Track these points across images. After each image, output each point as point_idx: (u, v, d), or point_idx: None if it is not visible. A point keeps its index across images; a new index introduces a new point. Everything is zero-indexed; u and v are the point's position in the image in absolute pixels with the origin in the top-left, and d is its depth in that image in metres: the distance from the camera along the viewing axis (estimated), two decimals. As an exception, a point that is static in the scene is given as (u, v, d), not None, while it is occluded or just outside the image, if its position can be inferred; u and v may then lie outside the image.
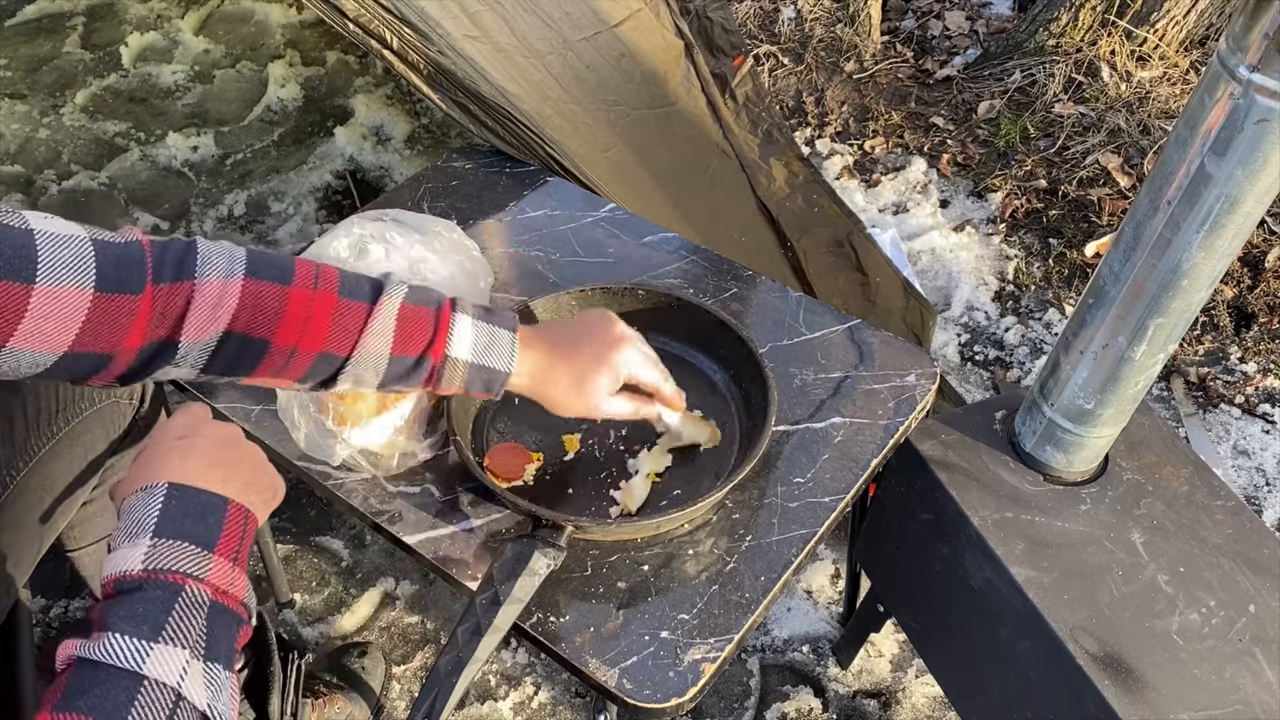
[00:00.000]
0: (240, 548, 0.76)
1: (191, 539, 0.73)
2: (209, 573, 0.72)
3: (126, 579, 0.70)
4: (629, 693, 0.92)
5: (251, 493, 0.81)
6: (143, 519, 0.73)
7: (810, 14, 2.88)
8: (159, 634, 0.67)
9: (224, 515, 0.76)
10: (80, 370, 0.80)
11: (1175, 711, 0.97)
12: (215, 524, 0.75)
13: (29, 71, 2.84)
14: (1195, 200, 0.88)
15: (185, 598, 0.70)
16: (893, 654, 1.62)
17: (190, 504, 0.75)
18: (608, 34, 1.68)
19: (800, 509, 1.06)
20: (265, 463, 0.85)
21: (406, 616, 1.67)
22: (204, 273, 0.83)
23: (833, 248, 1.89)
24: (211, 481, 0.77)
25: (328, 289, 0.88)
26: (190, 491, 0.76)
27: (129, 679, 0.65)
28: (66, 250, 0.75)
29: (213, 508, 0.76)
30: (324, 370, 0.90)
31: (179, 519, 0.74)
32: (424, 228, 1.21)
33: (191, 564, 0.72)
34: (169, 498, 0.75)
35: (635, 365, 1.00)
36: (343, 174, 2.52)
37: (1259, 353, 2.08)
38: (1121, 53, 2.61)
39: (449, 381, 0.94)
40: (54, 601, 1.65)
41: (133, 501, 0.76)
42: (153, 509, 0.74)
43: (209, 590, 0.71)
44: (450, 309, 0.93)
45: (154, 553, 0.71)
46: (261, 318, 0.85)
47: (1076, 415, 1.10)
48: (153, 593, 0.69)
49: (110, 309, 0.78)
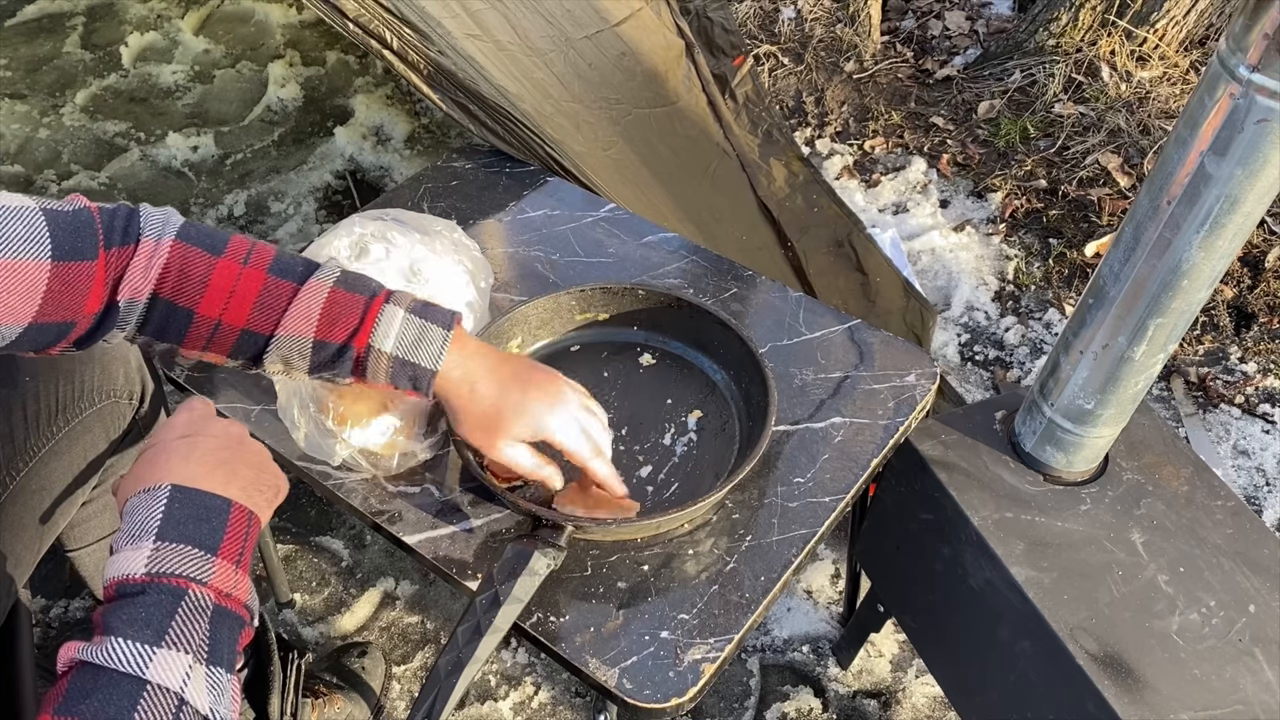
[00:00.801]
0: (243, 550, 0.76)
1: (194, 542, 0.73)
2: (212, 576, 0.72)
3: (129, 582, 0.70)
4: (629, 693, 0.92)
5: (255, 493, 0.80)
6: (145, 521, 0.73)
7: (810, 14, 2.88)
8: (162, 638, 0.67)
9: (227, 518, 0.76)
10: (44, 339, 0.81)
11: (1175, 711, 0.97)
12: (218, 527, 0.75)
13: (29, 71, 2.84)
14: (1195, 200, 0.88)
15: (188, 602, 0.70)
16: (893, 654, 1.62)
17: (193, 507, 0.75)
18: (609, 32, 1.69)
19: (800, 509, 1.06)
20: (269, 461, 0.85)
21: (406, 616, 1.67)
22: (145, 233, 0.85)
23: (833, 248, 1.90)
24: (214, 483, 0.77)
25: (258, 265, 0.88)
26: (193, 494, 0.76)
27: (132, 684, 0.65)
28: (19, 223, 0.76)
29: (216, 510, 0.76)
30: (249, 348, 0.89)
31: (182, 522, 0.74)
32: (424, 228, 1.21)
33: (194, 568, 0.71)
34: (172, 500, 0.75)
35: (561, 430, 0.95)
36: (343, 174, 2.52)
37: (1259, 353, 2.08)
38: (1121, 53, 2.61)
39: (374, 375, 0.91)
40: (54, 601, 1.65)
41: (135, 503, 0.75)
42: (155, 511, 0.74)
43: (212, 594, 0.71)
44: (384, 300, 0.91)
45: (157, 556, 0.71)
46: (187, 285, 0.86)
47: (1076, 415, 1.10)
48: (155, 597, 0.69)
49: (69, 277, 0.79)
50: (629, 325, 1.24)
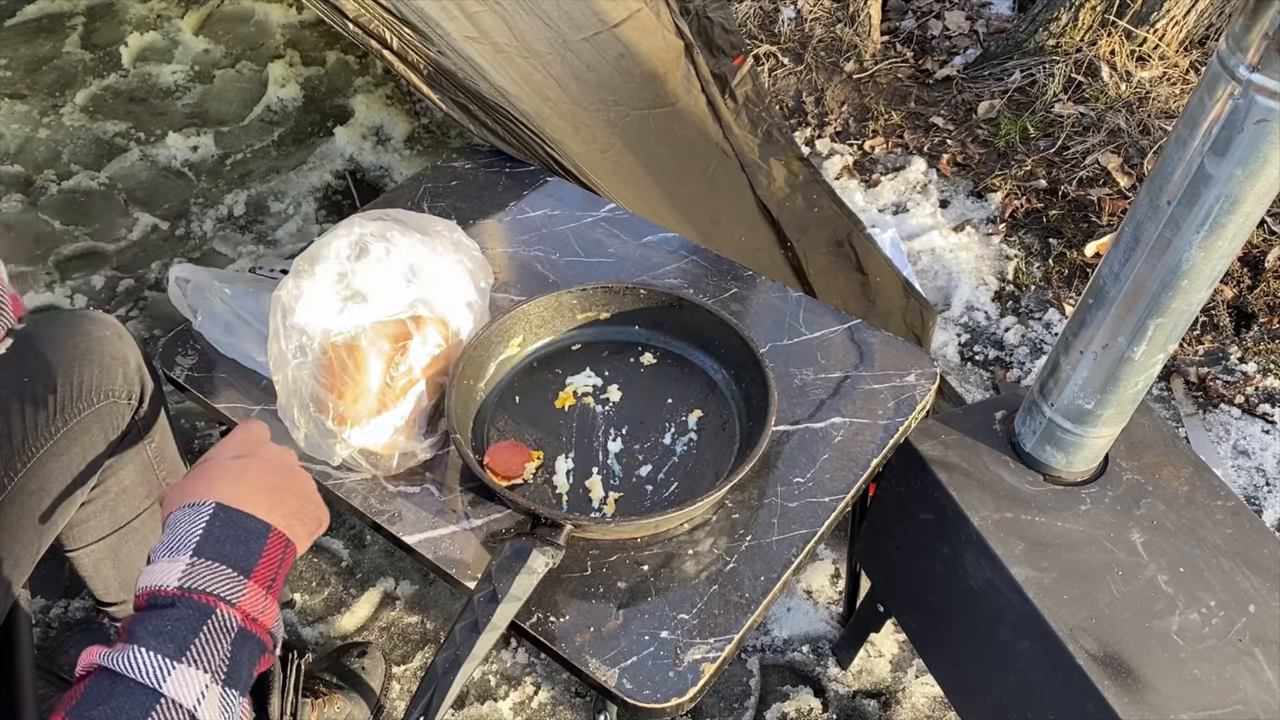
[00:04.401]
0: (276, 576, 0.76)
1: (229, 562, 0.73)
2: (242, 598, 0.72)
3: (161, 594, 0.71)
4: (629, 692, 0.92)
5: (296, 523, 0.80)
6: (186, 536, 0.74)
7: (810, 14, 2.88)
8: (183, 654, 0.67)
9: (265, 542, 0.76)
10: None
11: (1175, 711, 0.97)
12: (255, 550, 0.75)
13: (29, 71, 2.84)
14: (1195, 200, 0.88)
15: (215, 621, 0.70)
16: (893, 654, 1.62)
17: (234, 527, 0.75)
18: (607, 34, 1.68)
19: (800, 509, 1.06)
20: (314, 493, 0.85)
21: (406, 616, 1.67)
22: None
23: (833, 248, 1.89)
24: (259, 507, 0.78)
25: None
26: (236, 514, 0.76)
27: (146, 695, 0.65)
28: None
29: (255, 533, 0.76)
30: None
31: (220, 541, 0.74)
32: (424, 228, 1.21)
33: (226, 587, 0.72)
34: (214, 518, 0.75)
35: None
36: (343, 174, 2.52)
37: (1259, 353, 2.08)
38: (1121, 53, 2.61)
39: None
40: (54, 601, 1.65)
41: (179, 515, 0.76)
42: (197, 527, 0.74)
43: (239, 616, 0.71)
44: None
45: (191, 571, 0.71)
46: None
47: (1076, 415, 1.09)
48: (184, 611, 0.69)
49: None
50: (630, 324, 1.24)
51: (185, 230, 2.38)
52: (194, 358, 1.23)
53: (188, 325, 1.25)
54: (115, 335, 1.15)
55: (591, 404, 1.18)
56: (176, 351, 1.24)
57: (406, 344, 1.10)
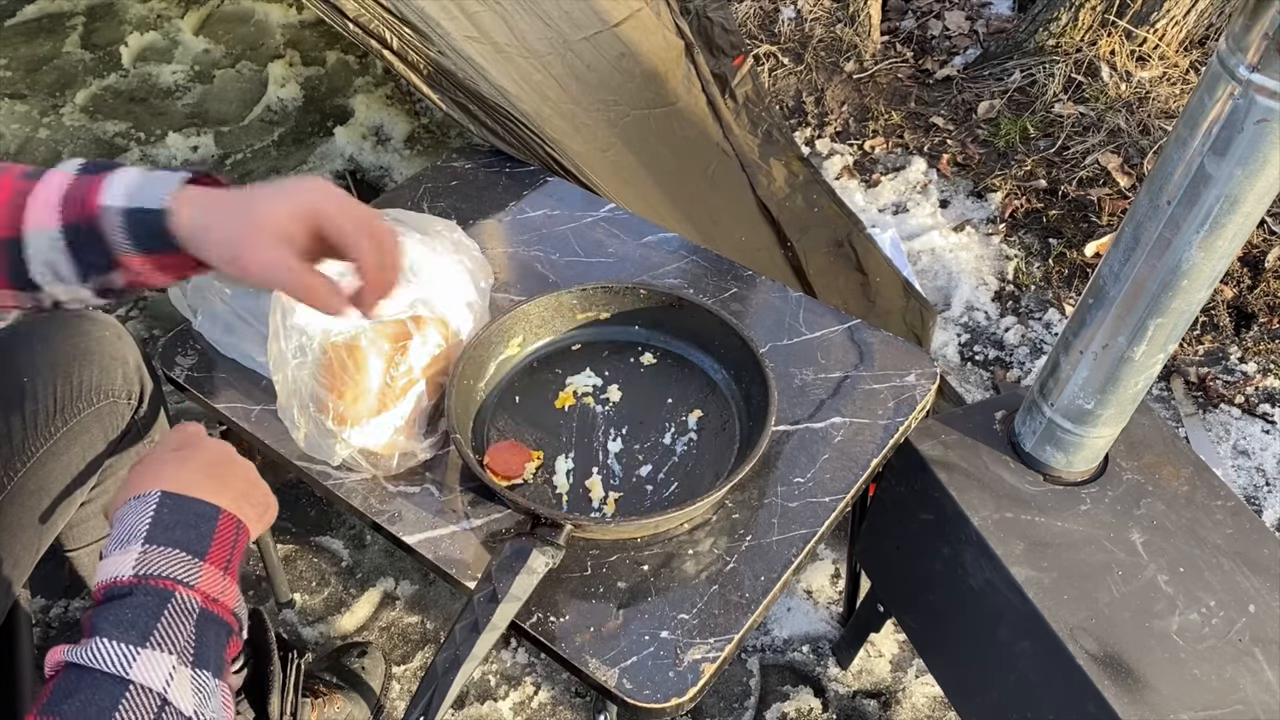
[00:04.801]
0: (231, 557, 0.76)
1: (182, 546, 0.73)
2: (199, 580, 0.72)
3: (117, 585, 0.70)
4: (629, 692, 0.92)
5: (245, 505, 0.81)
6: (135, 526, 0.74)
7: (810, 14, 2.88)
8: (147, 639, 0.67)
9: (215, 523, 0.76)
10: None
11: (1175, 711, 0.97)
12: (207, 532, 0.75)
13: (29, 71, 2.84)
14: (1195, 200, 0.88)
15: (174, 604, 0.70)
16: (893, 654, 1.62)
17: (182, 512, 0.75)
18: (608, 34, 1.68)
19: (800, 509, 1.06)
20: (259, 480, 0.86)
21: (406, 616, 1.67)
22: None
23: (833, 248, 1.89)
24: (205, 491, 0.78)
25: (9, 174, 0.79)
26: (183, 500, 0.76)
27: (114, 683, 0.65)
28: None
29: (205, 516, 0.76)
30: (12, 263, 0.79)
31: (171, 527, 0.74)
32: (424, 228, 1.21)
33: (182, 570, 0.72)
34: (161, 505, 0.75)
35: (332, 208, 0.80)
36: (343, 174, 2.52)
37: (1259, 353, 2.08)
38: (1121, 53, 2.61)
39: (118, 245, 0.78)
40: (54, 601, 1.65)
41: (125, 510, 0.76)
42: (145, 516, 0.74)
43: (199, 597, 0.71)
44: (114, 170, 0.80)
45: (145, 559, 0.71)
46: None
47: (1076, 415, 1.09)
48: (142, 598, 0.69)
49: None
50: (630, 324, 1.24)
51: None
52: (194, 358, 1.23)
53: (188, 325, 1.25)
54: (115, 335, 1.15)
55: (591, 404, 1.18)
56: (176, 351, 1.24)
57: (406, 344, 1.10)
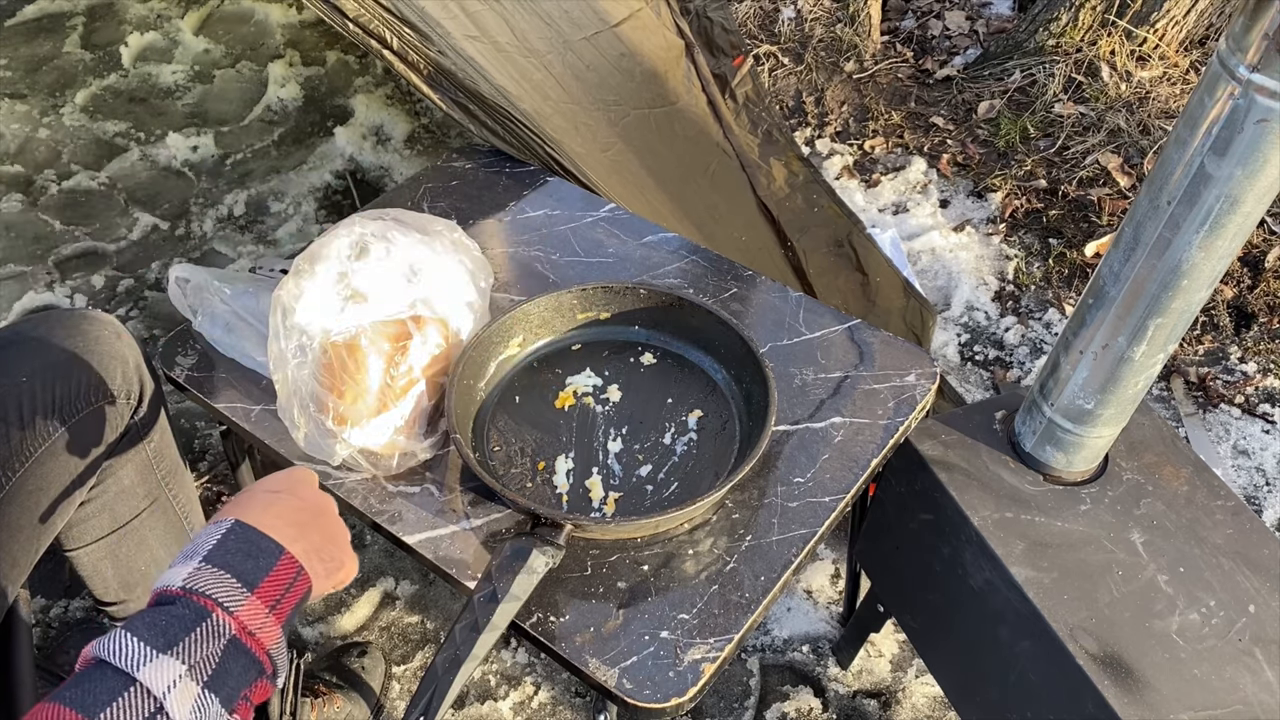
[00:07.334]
0: (283, 599, 0.75)
1: (235, 572, 0.73)
2: (240, 608, 0.72)
3: (166, 593, 0.71)
4: (629, 692, 0.92)
5: (315, 559, 0.80)
6: (201, 545, 0.74)
7: (810, 14, 2.88)
8: (170, 647, 0.67)
9: (275, 561, 0.76)
10: None
11: (1175, 711, 0.97)
12: (264, 566, 0.75)
13: (29, 71, 2.84)
14: (1195, 200, 0.88)
15: (209, 624, 0.70)
16: (893, 654, 1.62)
17: (246, 542, 0.75)
18: (608, 33, 1.68)
19: (800, 509, 1.06)
20: (345, 542, 0.85)
21: (406, 616, 1.67)
22: None
23: (833, 248, 1.89)
24: (281, 534, 0.77)
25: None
26: (252, 532, 0.76)
27: (120, 678, 0.65)
28: None
29: (267, 552, 0.76)
30: None
31: (231, 551, 0.74)
32: (424, 227, 1.21)
33: (226, 594, 0.71)
34: (230, 531, 0.75)
35: None
36: (343, 174, 2.52)
37: (1259, 353, 2.08)
38: (1121, 53, 2.61)
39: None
40: (54, 601, 1.65)
41: (203, 531, 0.76)
42: (212, 538, 0.75)
43: (234, 625, 0.71)
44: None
45: (196, 575, 0.72)
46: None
47: (1076, 415, 1.09)
48: (181, 610, 0.69)
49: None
50: (630, 324, 1.24)
51: (185, 230, 2.38)
52: (194, 358, 1.23)
53: (188, 325, 1.25)
54: (114, 335, 1.15)
55: (591, 404, 1.18)
56: (176, 351, 1.24)
57: (406, 344, 1.10)
